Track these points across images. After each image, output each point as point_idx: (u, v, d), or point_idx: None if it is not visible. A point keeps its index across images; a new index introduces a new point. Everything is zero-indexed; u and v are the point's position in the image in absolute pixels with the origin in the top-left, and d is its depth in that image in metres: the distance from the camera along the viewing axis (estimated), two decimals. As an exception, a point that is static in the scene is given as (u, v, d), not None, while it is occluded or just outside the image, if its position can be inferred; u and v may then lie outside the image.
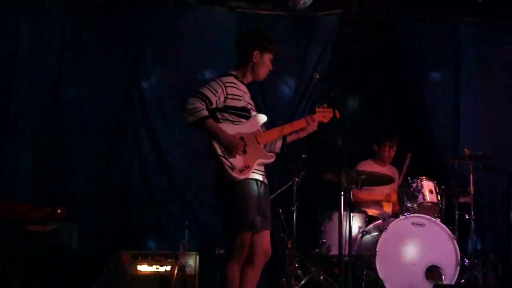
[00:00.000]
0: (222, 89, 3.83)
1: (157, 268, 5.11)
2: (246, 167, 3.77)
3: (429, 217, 5.12)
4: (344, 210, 3.83)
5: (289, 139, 4.11)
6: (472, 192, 5.44)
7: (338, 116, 4.05)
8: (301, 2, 5.96)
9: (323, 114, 4.19)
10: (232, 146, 3.73)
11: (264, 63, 3.99)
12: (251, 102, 4.01)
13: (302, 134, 4.15)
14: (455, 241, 5.08)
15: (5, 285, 4.43)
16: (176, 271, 5.09)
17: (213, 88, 3.81)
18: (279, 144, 4.05)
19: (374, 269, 4.92)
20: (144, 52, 5.96)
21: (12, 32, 5.71)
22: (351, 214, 4.33)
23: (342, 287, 3.93)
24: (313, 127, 4.11)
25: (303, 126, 4.08)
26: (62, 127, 5.78)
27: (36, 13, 5.78)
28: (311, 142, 5.35)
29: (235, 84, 3.91)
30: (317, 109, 4.20)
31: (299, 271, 5.52)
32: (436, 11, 6.43)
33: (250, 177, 3.79)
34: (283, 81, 6.07)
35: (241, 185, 3.76)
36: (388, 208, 5.87)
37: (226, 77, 3.93)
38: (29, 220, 4.81)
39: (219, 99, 3.82)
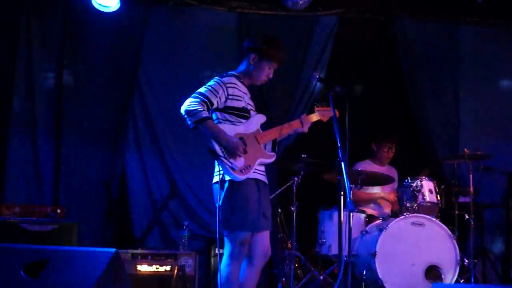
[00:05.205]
0: (223, 90, 3.81)
1: (157, 268, 5.11)
2: (247, 167, 3.77)
3: (428, 217, 5.11)
4: (344, 210, 3.83)
5: (279, 139, 4.11)
6: (472, 192, 5.44)
7: (337, 114, 4.02)
8: (301, 2, 5.96)
9: (322, 113, 4.18)
10: (232, 148, 3.71)
11: (262, 69, 3.93)
12: (250, 102, 3.99)
13: (291, 134, 4.19)
14: (454, 241, 5.07)
15: (5, 285, 4.42)
16: (176, 271, 5.09)
17: (214, 89, 3.79)
18: (269, 146, 4.01)
19: (374, 269, 4.92)
20: (144, 52, 5.95)
21: (12, 31, 5.71)
22: (351, 214, 4.32)
23: (342, 287, 3.93)
24: (305, 128, 4.10)
25: (299, 127, 4.08)
26: (63, 127, 5.78)
27: (37, 12, 5.78)
28: (311, 142, 5.38)
29: (236, 84, 3.89)
30: (315, 108, 4.19)
31: (299, 271, 5.53)
32: (436, 11, 6.43)
33: (251, 177, 3.79)
34: (283, 81, 6.05)
35: (242, 185, 3.75)
36: (387, 208, 5.87)
37: (227, 77, 3.91)
38: (29, 220, 4.81)
39: (220, 99, 3.80)
